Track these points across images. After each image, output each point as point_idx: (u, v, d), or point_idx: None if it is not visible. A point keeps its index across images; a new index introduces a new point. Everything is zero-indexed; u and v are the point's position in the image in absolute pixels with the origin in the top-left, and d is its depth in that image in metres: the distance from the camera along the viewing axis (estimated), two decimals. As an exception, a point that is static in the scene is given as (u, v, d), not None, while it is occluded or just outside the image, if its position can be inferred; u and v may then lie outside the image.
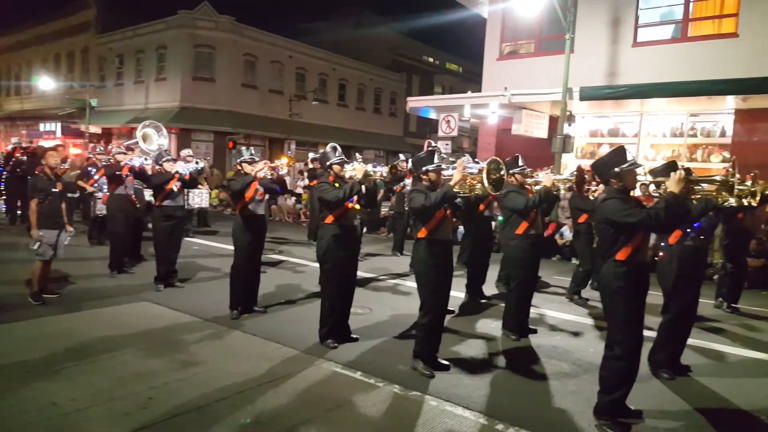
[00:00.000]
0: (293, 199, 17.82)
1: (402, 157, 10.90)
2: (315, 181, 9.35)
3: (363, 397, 4.24)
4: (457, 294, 7.26)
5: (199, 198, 12.71)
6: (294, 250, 11.18)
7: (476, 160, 8.65)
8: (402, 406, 4.15)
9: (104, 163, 9.73)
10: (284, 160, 18.92)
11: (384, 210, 14.54)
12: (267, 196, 6.66)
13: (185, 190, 8.41)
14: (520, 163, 6.12)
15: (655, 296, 5.13)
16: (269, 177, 6.68)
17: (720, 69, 11.27)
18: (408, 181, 9.48)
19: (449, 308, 6.54)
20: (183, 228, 8.18)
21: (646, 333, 5.02)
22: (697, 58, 11.98)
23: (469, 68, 40.29)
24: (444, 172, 5.01)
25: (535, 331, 6.10)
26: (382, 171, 5.65)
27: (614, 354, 3.88)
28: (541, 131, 14.30)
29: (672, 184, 3.88)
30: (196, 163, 8.08)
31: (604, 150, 12.98)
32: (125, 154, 8.26)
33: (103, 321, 5.93)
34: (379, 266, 9.80)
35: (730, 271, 7.69)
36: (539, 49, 14.90)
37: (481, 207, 7.50)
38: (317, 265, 5.67)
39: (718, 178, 4.32)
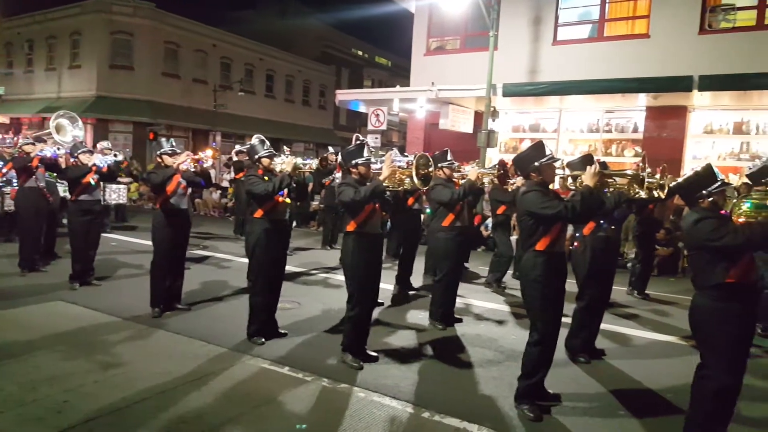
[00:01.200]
0: (218, 192, 17.30)
1: (331, 149, 10.84)
2: (241, 174, 9.15)
3: (291, 392, 4.21)
4: (387, 286, 7.34)
5: (116, 194, 12.09)
6: (219, 245, 10.86)
7: (405, 153, 8.76)
8: (330, 399, 4.16)
9: (12, 155, 9.01)
10: (209, 152, 18.27)
11: (314, 204, 14.43)
12: (190, 190, 6.43)
13: (102, 184, 7.95)
14: (449, 157, 6.26)
15: (570, 284, 5.43)
16: (193, 170, 6.44)
17: (633, 68, 12.01)
18: (338, 174, 9.44)
19: (379, 300, 6.63)
20: (101, 223, 7.74)
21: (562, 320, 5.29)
22: (612, 57, 12.69)
23: (398, 63, 40.62)
24: (373, 166, 5.03)
25: (460, 321, 6.27)
26: (311, 164, 5.60)
27: (533, 340, 4.06)
28: (467, 126, 14.69)
29: (587, 177, 4.09)
30: (114, 155, 7.65)
31: (526, 145, 13.50)
32: (33, 144, 7.69)
33: (12, 322, 5.53)
34: (309, 260, 9.73)
35: (641, 260, 8.25)
36: (465, 45, 15.25)
37: (410, 201, 7.62)
38: (244, 260, 5.56)
39: (629, 172, 4.60)
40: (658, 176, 5.06)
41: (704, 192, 3.65)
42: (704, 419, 3.56)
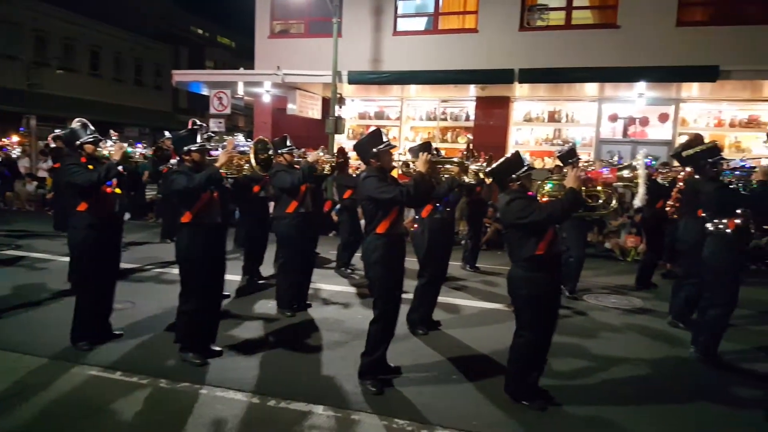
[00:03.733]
0: (34, 183, 15.24)
1: (168, 135, 10.13)
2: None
3: (125, 398, 3.92)
4: (234, 277, 7.13)
5: None
6: (36, 244, 9.58)
7: (249, 139, 8.49)
8: (169, 400, 3.96)
9: None
10: (15, 138, 16.02)
11: (151, 194, 13.42)
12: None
13: None
14: (288, 143, 6.23)
15: (411, 263, 5.76)
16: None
17: (464, 60, 12.89)
18: (174, 161, 8.87)
19: (225, 293, 6.42)
20: None
21: (402, 295, 5.59)
22: (446, 49, 13.49)
23: (243, 44, 39.06)
24: (214, 153, 4.82)
25: (309, 306, 6.32)
26: (143, 150, 5.18)
27: (375, 318, 4.25)
28: (315, 112, 14.67)
29: (419, 164, 4.34)
30: None
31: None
32: None
33: None
34: (144, 255, 9.02)
35: (471, 237, 9.01)
36: (309, 30, 15.15)
37: (256, 188, 7.42)
38: (65, 258, 4.99)
39: (456, 159, 4.99)
40: (482, 162, 5.58)
41: (513, 176, 4.09)
42: (518, 371, 4.09)
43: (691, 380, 4.74)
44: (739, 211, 4.92)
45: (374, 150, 4.32)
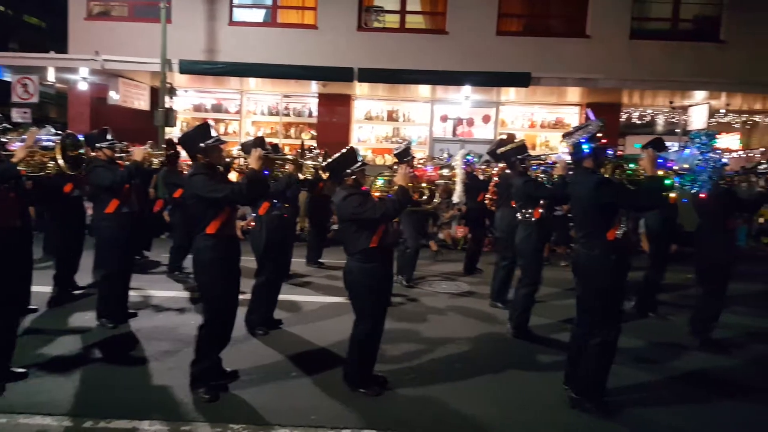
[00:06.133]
0: None
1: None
2: None
3: None
4: (43, 288, 6.30)
5: None
6: None
7: (59, 132, 7.54)
8: (-44, 436, 3.38)
9: None
10: None
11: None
12: None
13: None
14: (109, 136, 5.67)
15: (250, 261, 5.60)
16: None
17: (305, 56, 12.81)
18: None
19: (31, 306, 5.69)
20: None
21: (240, 296, 5.43)
22: (286, 43, 13.32)
23: (55, 25, 34.64)
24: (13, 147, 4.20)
25: (135, 315, 5.83)
26: None
27: (204, 323, 4.05)
28: (142, 103, 13.59)
29: (252, 160, 4.22)
30: None
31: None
32: None
33: None
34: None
35: (315, 233, 9.04)
36: (134, 14, 13.95)
37: (68, 187, 6.61)
38: None
39: (290, 157, 4.95)
40: (321, 159, 5.62)
41: (348, 171, 4.18)
42: (356, 360, 4.23)
43: (508, 353, 5.28)
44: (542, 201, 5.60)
45: (202, 145, 4.11)
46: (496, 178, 6.91)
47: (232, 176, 4.89)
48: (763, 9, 12.45)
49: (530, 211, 5.55)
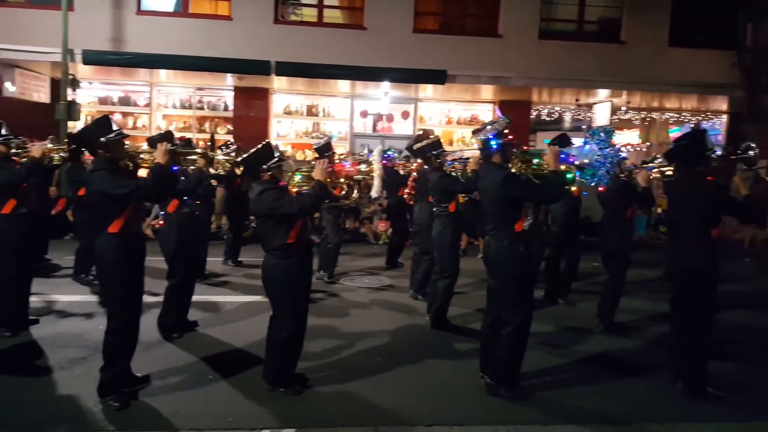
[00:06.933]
0: None
1: None
2: None
3: None
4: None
5: None
6: None
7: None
8: None
9: None
10: None
11: None
12: None
13: None
14: (3, 131, 5.27)
15: (161, 262, 5.38)
16: None
17: (219, 48, 12.34)
18: None
19: None
20: None
21: (152, 299, 5.21)
22: (199, 34, 12.74)
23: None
24: None
25: (36, 321, 5.44)
26: None
27: (112, 328, 3.86)
28: (42, 95, 12.64)
29: (159, 155, 4.06)
30: None
31: (117, 119, 12.53)
32: None
33: None
34: None
35: (233, 230, 8.80)
36: (31, 0, 12.90)
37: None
38: None
39: (199, 150, 4.79)
40: (233, 154, 5.47)
41: (264, 166, 4.11)
42: (275, 358, 4.18)
43: (426, 344, 5.42)
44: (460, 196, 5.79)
45: (103, 139, 3.90)
46: (414, 173, 7.05)
47: (143, 173, 4.68)
48: (660, 11, 13.48)
49: (445, 205, 5.71)
